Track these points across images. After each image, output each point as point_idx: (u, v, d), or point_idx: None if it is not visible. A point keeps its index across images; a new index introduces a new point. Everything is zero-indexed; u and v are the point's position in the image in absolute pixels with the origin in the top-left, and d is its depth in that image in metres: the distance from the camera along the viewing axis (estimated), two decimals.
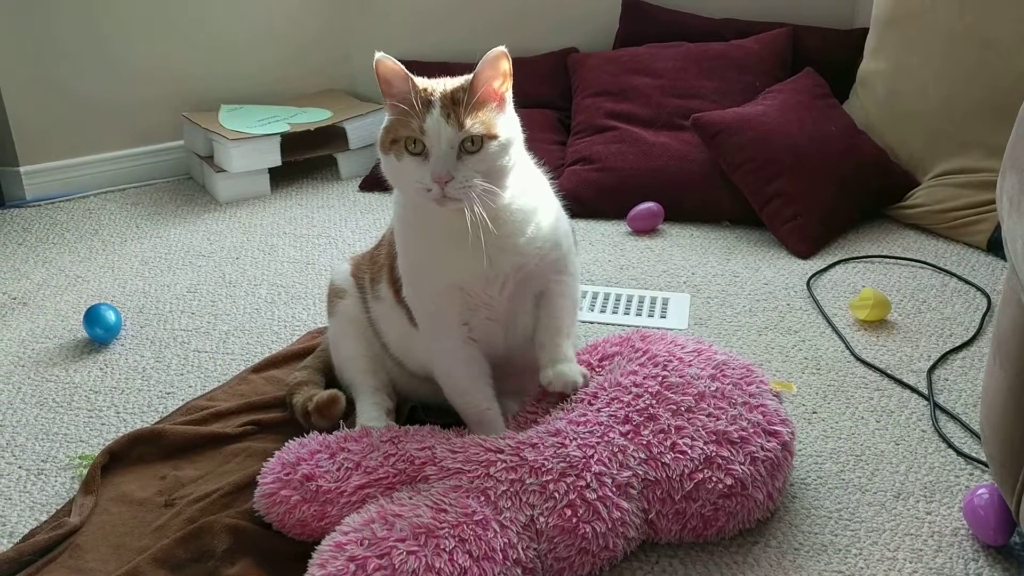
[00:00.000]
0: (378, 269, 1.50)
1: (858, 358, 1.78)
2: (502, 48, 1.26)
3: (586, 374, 1.42)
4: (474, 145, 1.25)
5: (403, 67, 1.26)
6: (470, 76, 1.28)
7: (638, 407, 1.35)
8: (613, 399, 1.37)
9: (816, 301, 1.99)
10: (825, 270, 2.14)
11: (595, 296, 2.04)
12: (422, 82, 1.29)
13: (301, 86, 2.90)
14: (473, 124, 1.24)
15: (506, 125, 1.29)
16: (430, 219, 1.32)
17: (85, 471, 1.47)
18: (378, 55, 1.26)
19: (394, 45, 2.86)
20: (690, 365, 1.43)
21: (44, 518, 1.40)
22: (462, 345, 1.39)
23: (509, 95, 1.31)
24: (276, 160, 2.62)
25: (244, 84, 2.83)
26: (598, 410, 1.36)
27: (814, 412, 1.62)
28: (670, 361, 1.43)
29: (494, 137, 1.26)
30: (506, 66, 1.27)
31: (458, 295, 1.35)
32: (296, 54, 2.88)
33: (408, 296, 1.41)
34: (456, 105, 1.25)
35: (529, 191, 1.36)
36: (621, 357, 1.47)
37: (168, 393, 1.71)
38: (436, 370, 1.43)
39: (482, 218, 1.25)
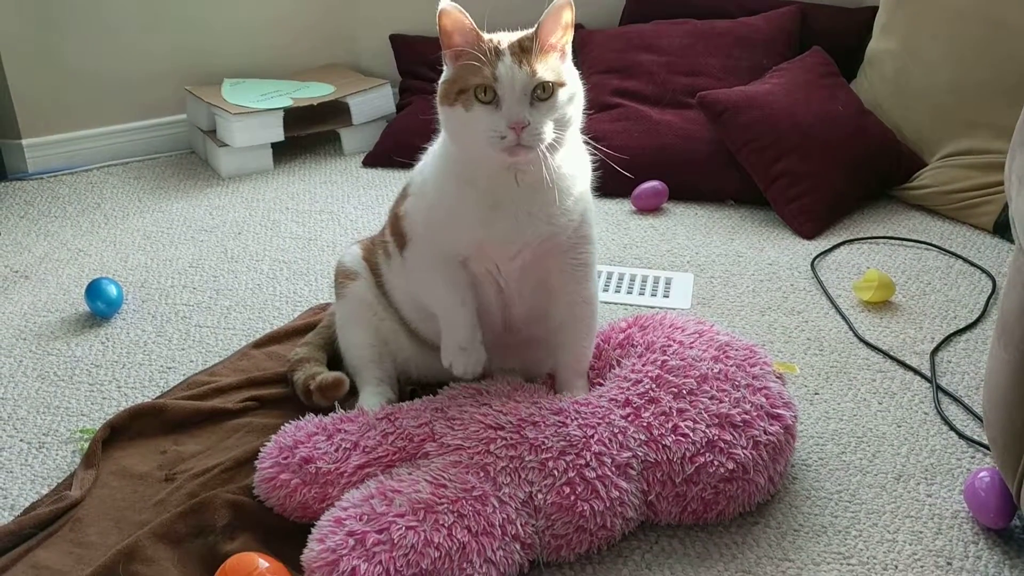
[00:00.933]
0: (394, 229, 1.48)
1: (861, 339, 1.77)
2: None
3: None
4: (545, 92, 1.24)
5: (467, 16, 1.26)
6: (534, 27, 1.27)
7: (639, 391, 1.35)
8: (614, 387, 1.37)
9: (820, 282, 1.98)
10: (830, 251, 2.13)
11: (599, 274, 2.03)
12: (485, 35, 1.28)
13: (305, 60, 2.88)
14: (545, 70, 1.23)
15: (571, 74, 1.29)
16: (479, 175, 1.30)
17: (86, 445, 1.47)
18: (443, 4, 1.25)
19: (400, 21, 2.87)
20: (691, 347, 1.42)
21: (45, 491, 1.41)
22: (454, 263, 1.36)
23: (569, 48, 1.31)
24: (279, 135, 2.61)
25: (247, 58, 2.81)
26: (599, 395, 1.35)
27: (816, 393, 1.62)
28: (669, 345, 1.42)
29: (563, 84, 1.26)
30: (569, 16, 1.26)
31: (474, 250, 1.34)
32: (300, 28, 2.85)
33: (412, 229, 1.39)
34: (525, 52, 1.24)
35: (575, 154, 1.35)
36: (624, 359, 1.46)
37: (169, 368, 1.71)
38: (418, 280, 1.41)
39: (550, 169, 1.25)
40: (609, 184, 2.37)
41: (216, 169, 2.63)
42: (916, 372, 1.68)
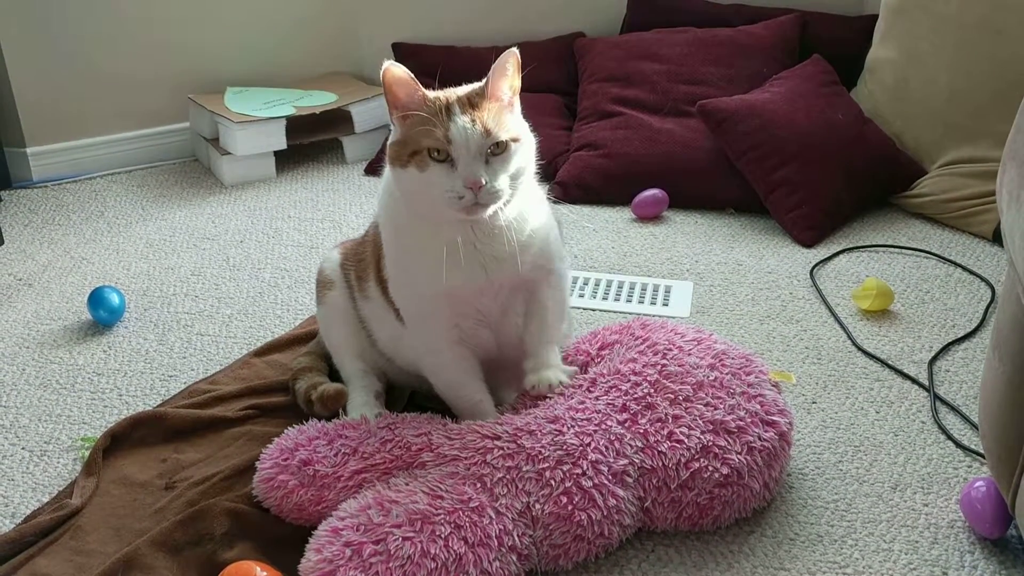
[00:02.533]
0: (364, 267, 1.50)
1: (859, 348, 1.78)
2: (513, 50, 1.25)
3: (572, 373, 1.42)
4: (500, 148, 1.24)
5: (412, 78, 1.24)
6: (482, 82, 1.27)
7: (636, 395, 1.35)
8: (611, 387, 1.37)
9: (819, 290, 1.99)
10: (829, 259, 2.14)
11: (597, 283, 2.04)
12: (432, 92, 1.27)
13: (307, 69, 2.90)
14: (497, 127, 1.23)
15: (521, 126, 1.29)
16: (428, 228, 1.30)
17: (87, 453, 1.48)
18: (386, 63, 1.24)
19: (401, 29, 2.89)
20: (689, 354, 1.43)
21: (46, 499, 1.42)
22: (452, 346, 1.38)
23: (518, 101, 1.31)
24: (281, 143, 2.62)
25: (250, 66, 2.83)
26: (596, 398, 1.36)
27: (814, 402, 1.62)
28: (670, 349, 1.43)
29: (516, 139, 1.26)
30: (514, 66, 1.27)
31: (450, 302, 1.34)
32: (302, 36, 2.87)
33: (396, 297, 1.40)
34: (475, 109, 1.24)
35: (528, 197, 1.35)
36: (621, 345, 1.47)
37: (170, 376, 1.73)
38: (426, 369, 1.44)
39: (509, 224, 1.26)
40: (609, 192, 2.42)
41: (219, 177, 2.65)
42: (914, 381, 1.68)
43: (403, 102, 1.26)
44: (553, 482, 1.24)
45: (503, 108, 1.27)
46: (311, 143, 2.72)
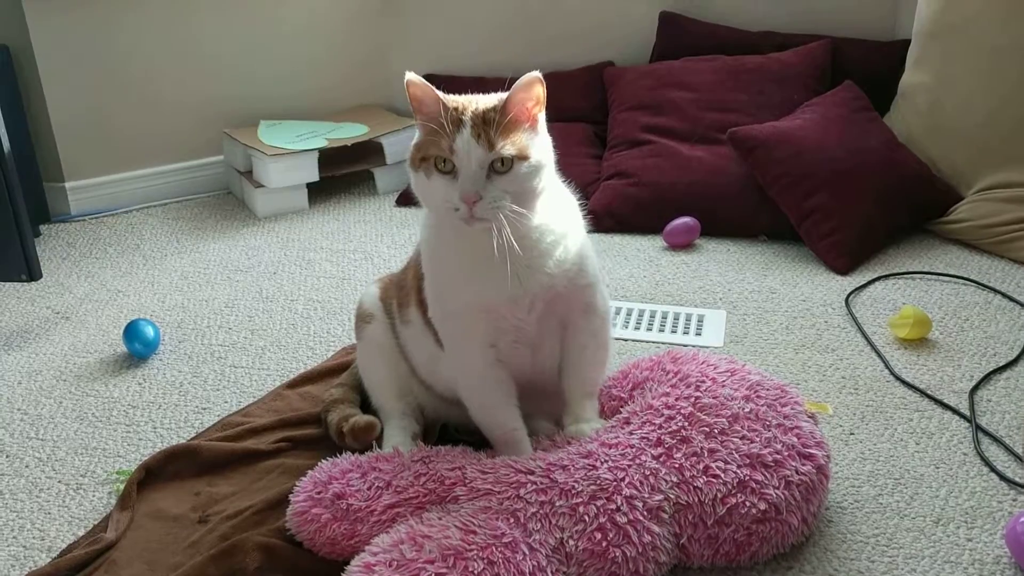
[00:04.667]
0: (405, 293, 1.50)
1: (898, 378, 1.75)
2: (536, 73, 1.25)
3: (595, 428, 1.41)
4: (504, 166, 1.24)
5: (432, 87, 1.26)
6: (504, 95, 1.27)
7: (671, 429, 1.34)
8: (645, 422, 1.36)
9: (855, 318, 1.96)
10: (864, 286, 2.11)
11: (629, 312, 2.03)
12: (454, 99, 1.28)
13: (339, 101, 2.93)
14: (503, 145, 1.23)
15: (538, 147, 1.28)
16: (459, 238, 1.31)
17: (122, 486, 1.49)
18: (408, 75, 1.27)
19: (431, 61, 2.91)
20: (723, 385, 1.41)
21: (81, 533, 1.43)
22: (489, 367, 1.38)
23: (542, 117, 1.30)
24: (314, 175, 2.65)
25: (283, 100, 2.86)
26: (630, 433, 1.34)
27: (851, 433, 1.59)
28: (703, 381, 1.41)
29: (525, 159, 1.25)
30: (540, 91, 1.26)
31: (485, 316, 1.34)
32: (334, 69, 2.91)
33: (434, 317, 1.41)
34: (487, 125, 1.24)
35: (559, 215, 1.35)
36: (652, 382, 1.45)
37: (204, 408, 1.74)
38: (462, 391, 1.43)
39: (509, 240, 1.24)
40: (641, 220, 2.41)
41: (252, 209, 2.68)
42: (955, 411, 1.65)
43: (422, 109, 1.28)
44: (587, 517, 1.23)
45: (518, 124, 1.26)
46: (343, 175, 2.74)
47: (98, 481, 1.55)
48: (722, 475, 1.28)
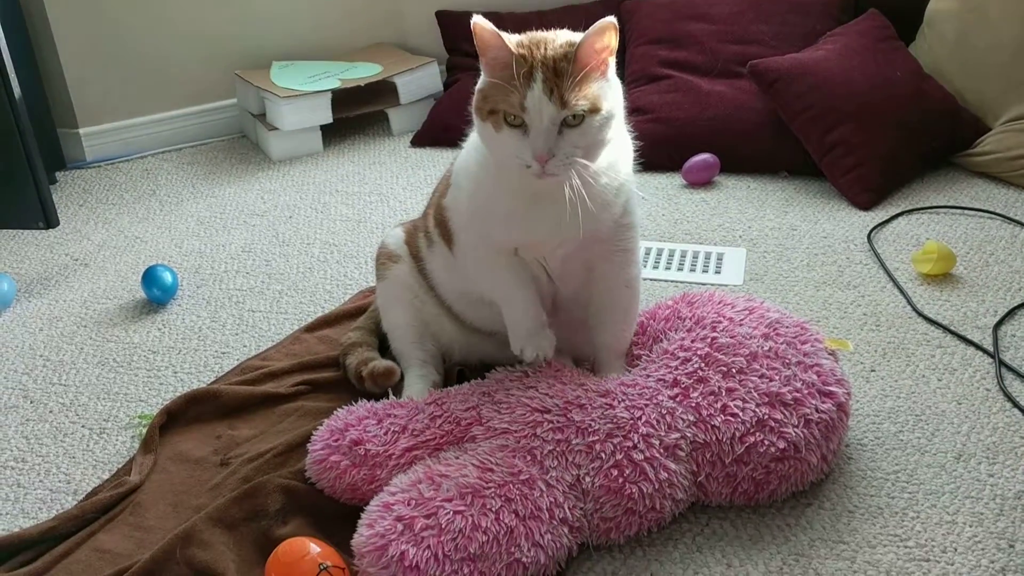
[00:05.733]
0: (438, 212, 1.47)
1: (920, 314, 1.73)
2: (611, 19, 1.19)
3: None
4: (575, 120, 1.20)
5: (499, 33, 1.20)
6: (573, 41, 1.21)
7: (687, 370, 1.33)
8: (662, 365, 1.35)
9: (877, 255, 1.93)
10: (887, 222, 2.07)
11: (648, 251, 2.01)
12: (522, 41, 1.22)
13: (352, 41, 2.89)
14: (577, 101, 1.19)
15: (608, 96, 1.23)
16: (516, 182, 1.27)
17: (144, 430, 1.50)
18: (475, 18, 1.20)
19: None
20: (741, 324, 1.40)
21: (106, 476, 1.45)
22: (508, 256, 1.35)
23: (612, 63, 1.25)
24: (327, 117, 2.62)
25: (295, 40, 2.82)
26: (648, 375, 1.34)
27: (872, 370, 1.58)
28: (719, 322, 1.40)
29: (597, 111, 1.21)
30: (613, 37, 1.21)
31: (519, 248, 1.33)
32: (346, 8, 2.86)
33: (458, 226, 1.38)
34: (559, 78, 1.18)
35: (618, 162, 1.31)
36: (671, 331, 1.44)
37: (223, 353, 1.74)
38: (480, 276, 1.39)
39: (580, 192, 1.21)
40: (659, 157, 2.37)
41: (267, 153, 2.66)
42: (978, 347, 1.63)
43: (490, 53, 1.22)
44: (604, 455, 1.23)
45: (589, 75, 1.20)
46: (357, 116, 2.71)
47: (121, 425, 1.56)
48: (740, 414, 1.28)
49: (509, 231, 1.32)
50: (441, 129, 2.59)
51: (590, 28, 1.20)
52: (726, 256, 1.98)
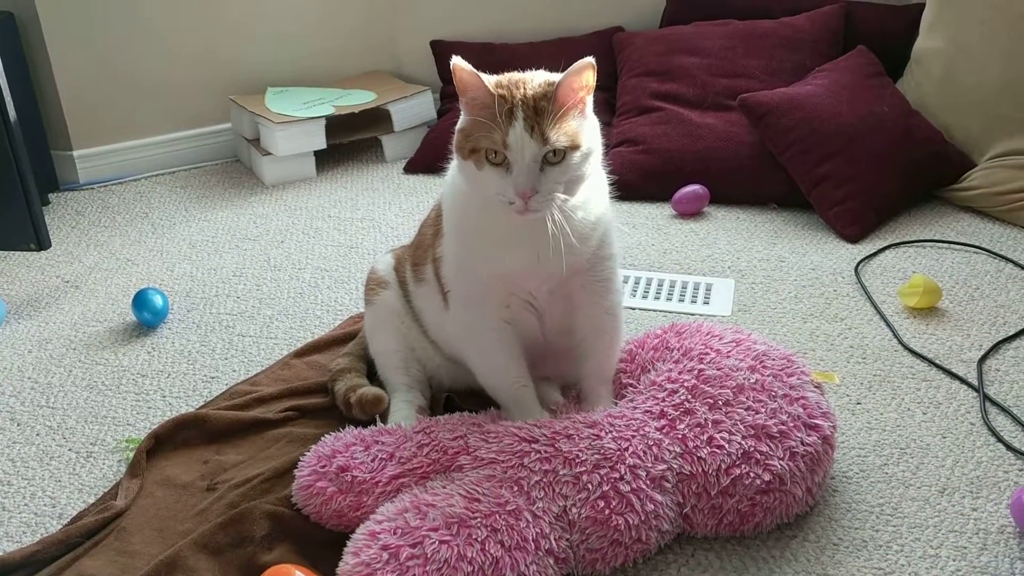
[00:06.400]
0: (423, 251, 1.49)
1: (906, 347, 1.74)
2: (590, 59, 1.21)
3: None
4: (556, 157, 1.22)
5: (478, 75, 1.22)
6: (552, 80, 1.24)
7: (674, 402, 1.34)
8: (649, 397, 1.36)
9: (864, 287, 1.95)
10: (874, 255, 2.09)
11: (637, 281, 2.02)
12: (501, 83, 1.24)
13: (346, 68, 2.91)
14: (557, 137, 1.21)
15: (588, 133, 1.26)
16: (497, 215, 1.28)
17: (131, 454, 1.50)
18: (454, 59, 1.23)
19: (439, 27, 2.89)
20: (728, 356, 1.41)
21: (92, 500, 1.44)
22: (499, 324, 1.38)
23: (590, 100, 1.28)
24: (321, 143, 2.64)
25: (290, 66, 2.84)
26: (635, 407, 1.35)
27: (858, 403, 1.59)
28: (706, 353, 1.41)
29: (577, 148, 1.23)
30: (591, 77, 1.23)
31: (504, 283, 1.35)
32: (342, 36, 2.88)
33: (448, 276, 1.40)
34: (539, 116, 1.21)
35: (597, 194, 1.34)
36: (659, 361, 1.45)
37: (212, 377, 1.74)
38: (469, 349, 1.43)
39: (561, 225, 1.23)
40: (649, 188, 2.39)
41: (260, 177, 2.67)
42: (963, 381, 1.64)
43: (468, 94, 1.25)
44: (590, 486, 1.23)
45: (569, 113, 1.23)
46: (350, 142, 2.73)
47: (108, 449, 1.56)
48: (726, 446, 1.29)
49: (493, 266, 1.33)
50: (435, 156, 2.58)
51: (570, 67, 1.22)
52: (715, 287, 1.99)
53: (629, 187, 2.41)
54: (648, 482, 1.25)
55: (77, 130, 2.66)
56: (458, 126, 1.28)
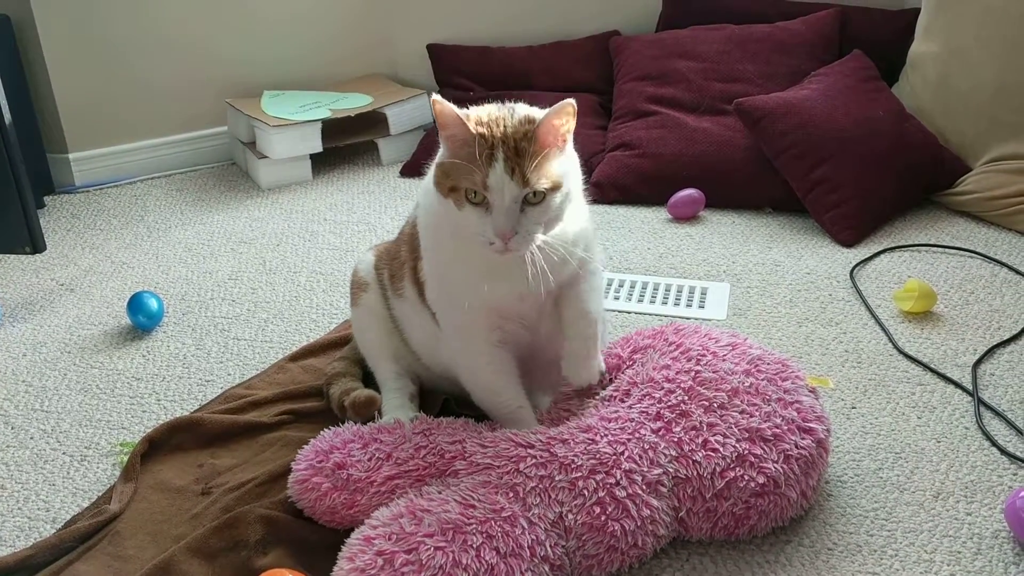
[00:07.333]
0: (399, 266, 1.49)
1: (901, 351, 1.74)
2: (570, 101, 1.21)
3: (602, 370, 1.39)
4: (536, 197, 1.22)
5: (458, 113, 1.21)
6: (533, 119, 1.22)
7: (670, 403, 1.34)
8: (645, 395, 1.36)
9: (859, 291, 1.95)
10: (870, 259, 2.10)
11: (633, 285, 2.02)
12: (482, 120, 1.22)
13: (343, 71, 2.91)
14: (539, 180, 1.20)
15: (568, 172, 1.25)
16: (472, 246, 1.27)
17: (126, 458, 1.50)
18: (435, 97, 1.22)
19: (435, 30, 2.89)
20: (724, 359, 1.41)
21: (86, 504, 1.44)
22: (492, 351, 1.38)
23: (570, 138, 1.27)
24: (317, 146, 2.64)
25: (287, 70, 2.85)
26: (630, 407, 1.35)
27: (853, 407, 1.59)
28: (704, 355, 1.41)
29: (558, 188, 1.23)
30: (571, 120, 1.23)
31: (489, 313, 1.34)
32: (338, 39, 2.88)
33: (434, 302, 1.40)
34: (520, 158, 1.20)
35: (572, 220, 1.32)
36: (654, 350, 1.46)
37: (207, 381, 1.74)
38: (463, 373, 1.43)
39: (541, 265, 1.23)
40: (645, 192, 2.40)
41: (256, 180, 2.67)
42: (957, 385, 1.64)
43: (448, 131, 1.23)
44: (586, 492, 1.23)
45: (550, 153, 1.22)
46: (347, 145, 2.73)
47: (102, 453, 1.56)
48: (721, 449, 1.29)
49: (474, 297, 1.32)
50: (431, 160, 2.60)
51: (551, 108, 1.21)
52: (710, 291, 1.99)
53: (625, 191, 2.42)
54: (644, 487, 1.25)
55: (73, 133, 2.65)
56: (437, 159, 1.27)
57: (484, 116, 1.24)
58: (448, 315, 1.39)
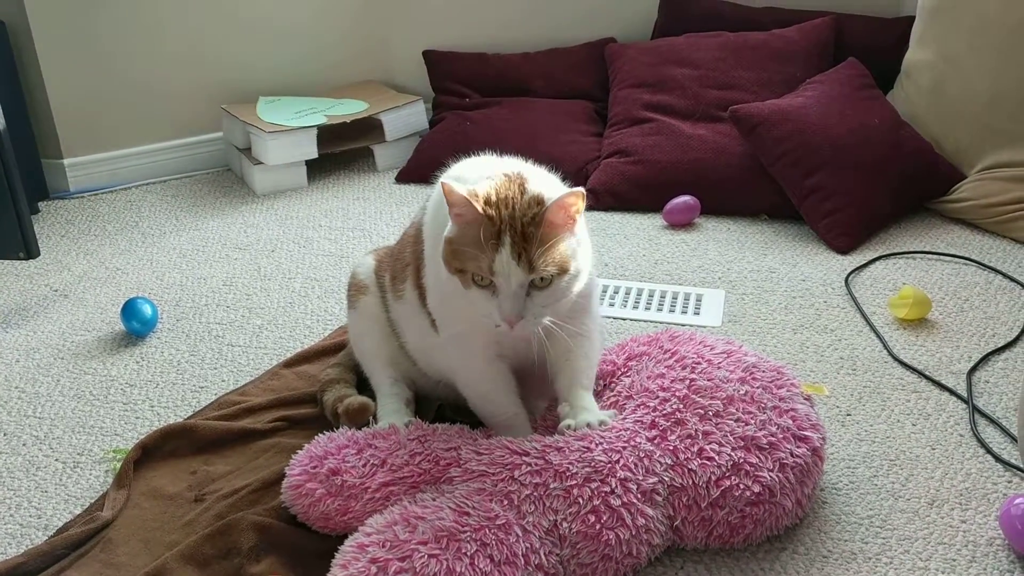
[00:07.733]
0: (402, 267, 1.49)
1: (896, 358, 1.74)
2: (579, 190, 1.20)
3: (605, 420, 1.34)
4: (544, 282, 1.21)
5: (467, 198, 1.19)
6: (542, 201, 1.21)
7: (665, 411, 1.34)
8: (640, 404, 1.36)
9: (854, 299, 1.95)
10: (865, 266, 2.10)
11: (628, 292, 2.02)
12: (491, 197, 1.21)
13: (338, 77, 2.91)
14: (546, 266, 1.20)
15: (577, 254, 1.24)
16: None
17: (118, 465, 1.49)
18: (443, 179, 1.22)
19: (432, 37, 2.89)
20: (719, 367, 1.41)
21: (78, 511, 1.43)
22: (488, 359, 1.37)
23: (582, 220, 1.26)
24: (312, 152, 2.64)
25: (282, 76, 2.84)
26: (624, 416, 1.34)
27: (848, 415, 1.59)
28: (699, 363, 1.41)
29: (565, 272, 1.22)
30: (580, 206, 1.22)
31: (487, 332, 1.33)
32: (334, 45, 2.88)
33: (435, 308, 1.40)
34: (527, 242, 1.19)
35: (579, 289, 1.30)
36: (649, 358, 1.45)
37: (201, 387, 1.74)
38: (462, 383, 1.43)
39: (543, 344, 1.26)
40: (640, 199, 2.40)
41: (251, 186, 2.67)
42: (952, 392, 1.64)
43: (457, 210, 1.22)
44: (581, 500, 1.23)
45: (558, 237, 1.21)
46: (342, 152, 2.73)
47: (95, 460, 1.55)
48: (716, 457, 1.28)
49: (475, 324, 1.30)
50: (426, 166, 2.59)
51: (561, 194, 1.20)
52: (705, 297, 1.99)
53: (620, 198, 2.42)
54: (639, 496, 1.25)
55: (67, 138, 2.65)
56: (446, 234, 1.25)
57: (493, 195, 1.22)
58: (447, 324, 1.39)
